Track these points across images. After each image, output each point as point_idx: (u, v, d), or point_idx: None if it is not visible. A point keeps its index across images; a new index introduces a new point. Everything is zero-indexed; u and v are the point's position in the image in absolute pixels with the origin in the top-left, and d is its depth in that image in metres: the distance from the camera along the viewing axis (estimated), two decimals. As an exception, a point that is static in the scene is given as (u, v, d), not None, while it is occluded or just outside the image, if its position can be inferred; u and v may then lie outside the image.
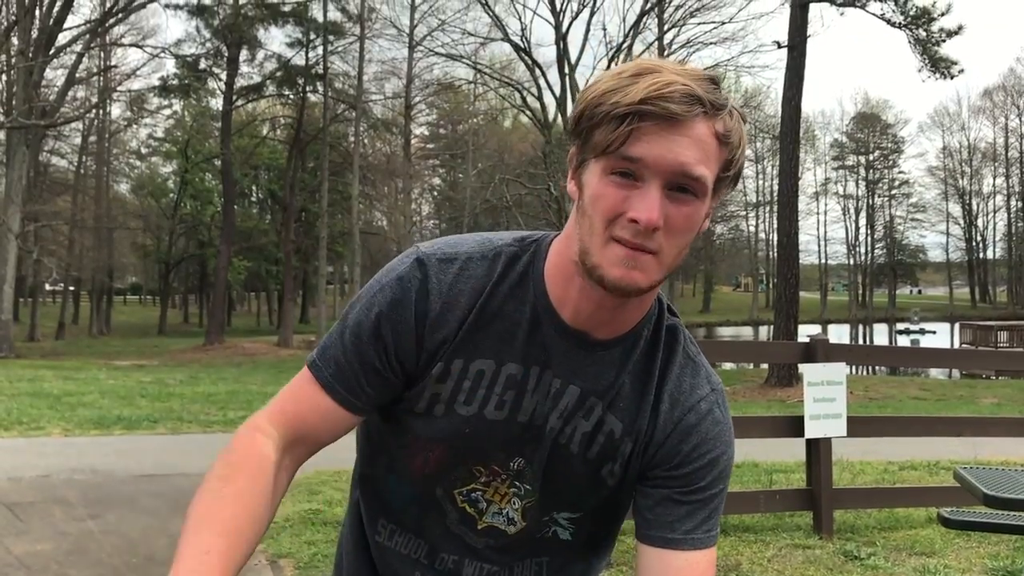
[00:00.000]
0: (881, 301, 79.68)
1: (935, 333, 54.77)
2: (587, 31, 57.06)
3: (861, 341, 53.26)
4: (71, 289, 50.96)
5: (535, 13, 45.57)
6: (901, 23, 22.57)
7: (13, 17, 28.37)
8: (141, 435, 10.04)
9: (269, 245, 49.55)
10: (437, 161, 53.33)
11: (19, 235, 27.89)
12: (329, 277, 45.81)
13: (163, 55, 38.42)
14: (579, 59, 33.60)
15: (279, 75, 39.63)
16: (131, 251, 57.34)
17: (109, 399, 13.47)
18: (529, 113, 36.03)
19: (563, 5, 32.15)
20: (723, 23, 33.59)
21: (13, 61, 29.10)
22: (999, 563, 5.24)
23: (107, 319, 52.53)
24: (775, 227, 23.34)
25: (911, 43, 22.89)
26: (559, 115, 32.27)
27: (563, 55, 32.14)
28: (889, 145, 77.47)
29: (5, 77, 31.70)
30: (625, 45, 31.43)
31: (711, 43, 34.49)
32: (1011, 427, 7.15)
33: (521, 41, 33.53)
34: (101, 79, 42.02)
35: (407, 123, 39.52)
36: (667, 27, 33.44)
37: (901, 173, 79.12)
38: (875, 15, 22.15)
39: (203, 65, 38.49)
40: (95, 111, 43.20)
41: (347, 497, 1.47)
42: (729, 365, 26.82)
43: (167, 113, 49.44)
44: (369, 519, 1.33)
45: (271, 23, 38.08)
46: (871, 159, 77.08)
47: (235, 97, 38.83)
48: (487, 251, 1.17)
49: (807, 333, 7.98)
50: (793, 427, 5.92)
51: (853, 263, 78.40)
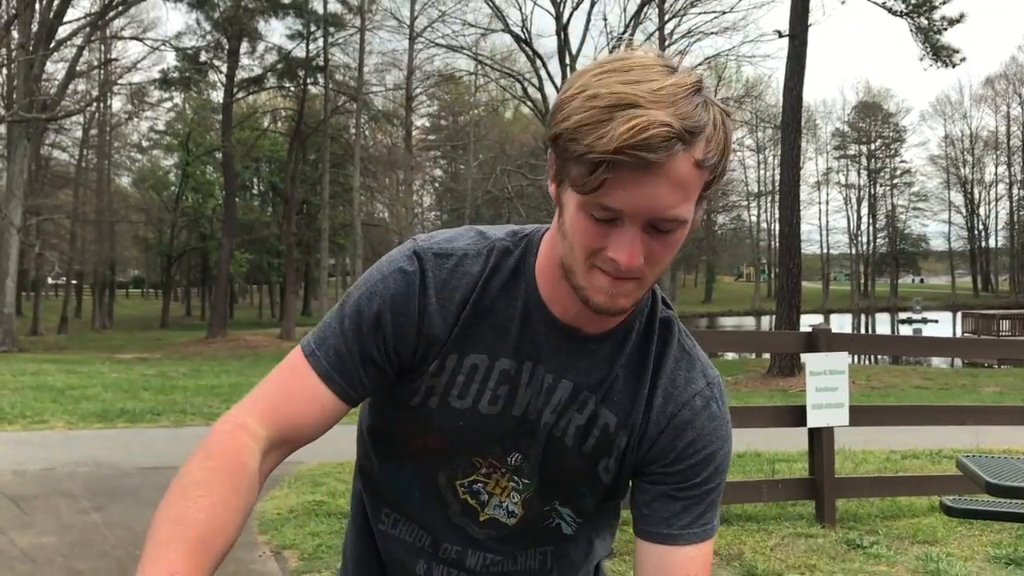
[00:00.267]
0: (883, 290, 79.65)
1: (937, 322, 54.77)
2: (588, 21, 57.11)
3: (863, 330, 53.26)
4: (73, 283, 51.00)
5: (536, 3, 45.27)
6: (902, 11, 22.52)
7: (13, 11, 28.32)
8: (144, 428, 10.06)
9: (271, 237, 49.56)
10: (438, 152, 53.29)
11: (21, 229, 27.92)
12: (331, 269, 45.85)
13: (163, 48, 38.45)
14: (580, 49, 33.56)
15: (280, 67, 39.58)
16: (133, 244, 57.37)
17: (112, 392, 13.50)
18: (530, 104, 36.00)
19: (564, -5, 32.11)
20: (724, 12, 33.58)
21: (13, 55, 29.10)
22: (1001, 551, 5.25)
23: (110, 312, 52.59)
24: (777, 217, 23.31)
25: (912, 31, 22.84)
26: (560, 106, 32.15)
27: (564, 46, 32.11)
28: (891, 134, 77.33)
29: (5, 71, 31.71)
30: (626, 36, 31.35)
31: (712, 32, 34.46)
32: (1014, 415, 7.16)
33: (522, 32, 33.51)
34: (101, 72, 42.01)
35: (408, 114, 39.48)
36: (668, 17, 33.37)
37: (903, 162, 79.02)
38: (876, 3, 22.11)
39: (203, 58, 38.48)
40: (96, 104, 43.21)
41: (350, 488, 1.47)
42: (731, 355, 26.81)
43: (168, 106, 49.56)
44: (372, 509, 1.33)
45: (271, 15, 38.03)
46: (873, 148, 76.93)
47: (236, 89, 38.79)
48: (481, 247, 1.16)
49: (809, 323, 7.98)
50: (795, 416, 5.92)
51: (855, 252, 78.35)
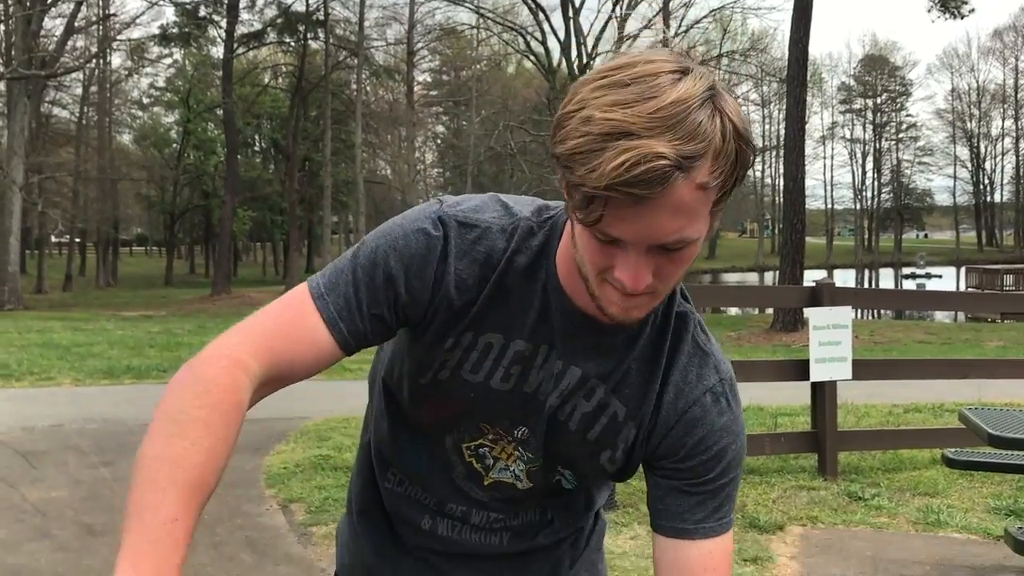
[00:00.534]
0: (887, 246, 79.43)
1: (941, 277, 54.73)
2: (591, -27, 56.11)
3: (867, 286, 53.23)
4: (77, 241, 50.97)
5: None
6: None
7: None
8: (151, 384, 10.13)
9: (273, 195, 49.44)
10: (440, 108, 52.87)
11: (23, 187, 27.85)
12: (334, 227, 45.81)
13: (162, 3, 38.11)
14: (583, 2, 33.13)
15: (279, 22, 39.16)
16: (135, 202, 57.23)
17: (118, 349, 13.57)
18: (533, 58, 35.62)
19: (567, -53, 31.61)
20: (729, -36, 33.01)
21: (11, 10, 28.79)
22: (1002, 502, 5.30)
23: (114, 270, 52.64)
24: (781, 172, 23.18)
25: (921, -18, 22.45)
26: (563, 60, 31.90)
27: (567, -1, 31.67)
28: (897, 88, 76.56)
29: (3, 27, 31.39)
30: (633, 32, 30.72)
31: (717, -16, 33.90)
32: (1016, 369, 7.19)
33: (524, -16, 33.01)
34: (100, 28, 41.56)
35: (409, 70, 39.12)
36: (672, -31, 32.85)
37: (909, 116, 78.34)
38: (884, -46, 21.71)
39: (203, 13, 38.06)
40: (95, 61, 42.78)
41: (357, 441, 1.48)
42: (734, 310, 26.86)
43: (168, 62, 49.10)
44: (379, 466, 1.34)
45: (271, -32, 37.55)
46: (879, 102, 76.22)
47: (236, 45, 38.41)
48: (506, 224, 1.13)
49: (813, 278, 7.98)
50: (798, 371, 5.94)
51: (859, 208, 78.00)
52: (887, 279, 59.70)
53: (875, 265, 67.47)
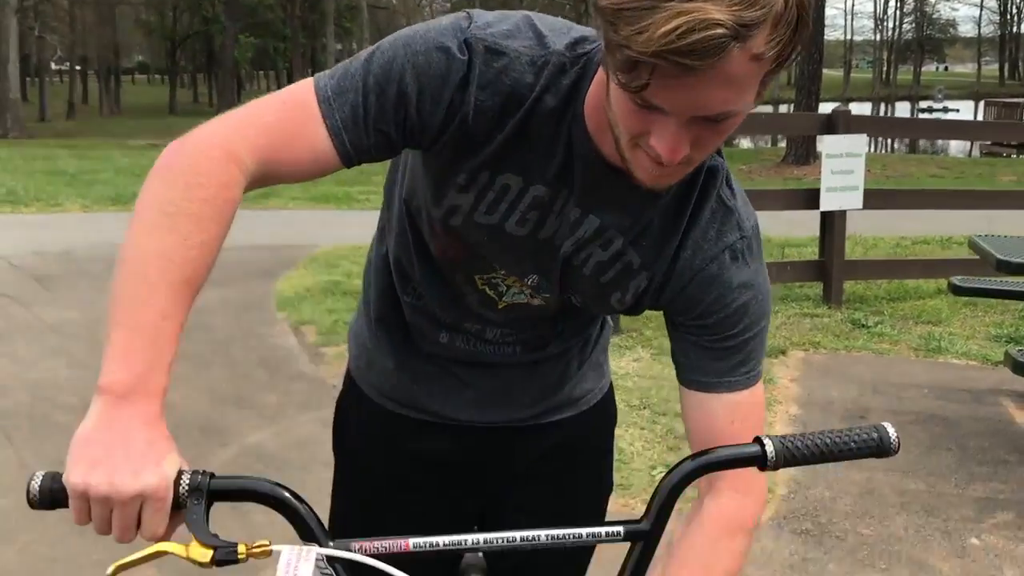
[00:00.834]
0: (905, 79, 77.38)
1: (958, 111, 53.61)
2: None
3: (882, 120, 52.23)
4: (78, 68, 49.97)
5: None
6: None
7: None
8: (159, 212, 10.13)
9: (276, 21, 48.01)
10: (447, -72, 50.47)
11: (18, 10, 27.04)
12: (337, 54, 44.59)
13: None
14: None
15: None
16: (135, 28, 55.70)
17: (124, 177, 13.52)
18: None
19: None
20: None
21: None
22: (1003, 331, 5.37)
23: (116, 99, 51.89)
24: (801, -2, 22.23)
25: None
26: None
27: None
28: (928, -92, 72.68)
29: None
30: None
31: None
32: (1029, 201, 7.11)
33: None
34: None
35: None
36: None
37: (938, -60, 74.71)
38: None
39: None
40: None
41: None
42: (746, 143, 26.52)
43: None
44: (399, 278, 1.32)
45: None
46: (908, -76, 72.54)
47: None
48: (536, 56, 1.03)
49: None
50: (809, 199, 5.89)
51: (879, 39, 75.61)
52: (903, 113, 58.55)
53: (892, 99, 65.93)
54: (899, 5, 75.11)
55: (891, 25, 75.52)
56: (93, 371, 0.88)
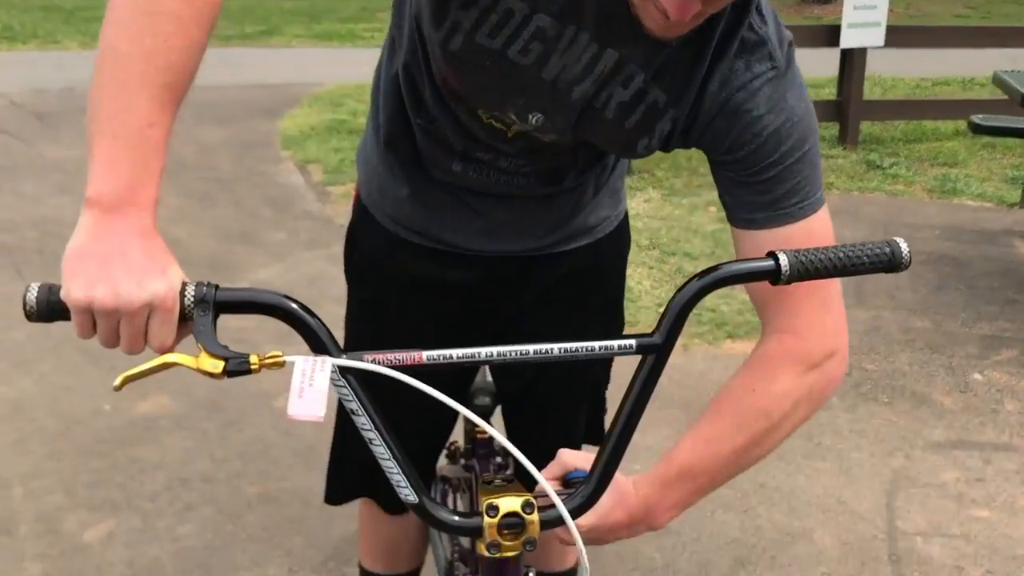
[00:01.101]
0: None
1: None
2: None
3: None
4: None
5: None
6: None
7: None
8: (159, 49, 9.88)
9: None
10: None
11: None
12: None
13: None
14: None
15: None
16: None
17: (123, 13, 13.10)
18: None
19: None
20: None
21: None
22: (1020, 172, 5.29)
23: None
24: None
25: None
26: None
27: None
28: None
29: None
30: None
31: None
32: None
33: None
34: None
35: None
36: None
37: None
38: None
39: None
40: None
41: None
42: (764, -19, 25.53)
43: None
44: (411, 99, 1.25)
45: None
46: None
47: None
48: None
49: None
50: (829, 36, 5.70)
51: None
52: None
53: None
54: None
55: None
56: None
